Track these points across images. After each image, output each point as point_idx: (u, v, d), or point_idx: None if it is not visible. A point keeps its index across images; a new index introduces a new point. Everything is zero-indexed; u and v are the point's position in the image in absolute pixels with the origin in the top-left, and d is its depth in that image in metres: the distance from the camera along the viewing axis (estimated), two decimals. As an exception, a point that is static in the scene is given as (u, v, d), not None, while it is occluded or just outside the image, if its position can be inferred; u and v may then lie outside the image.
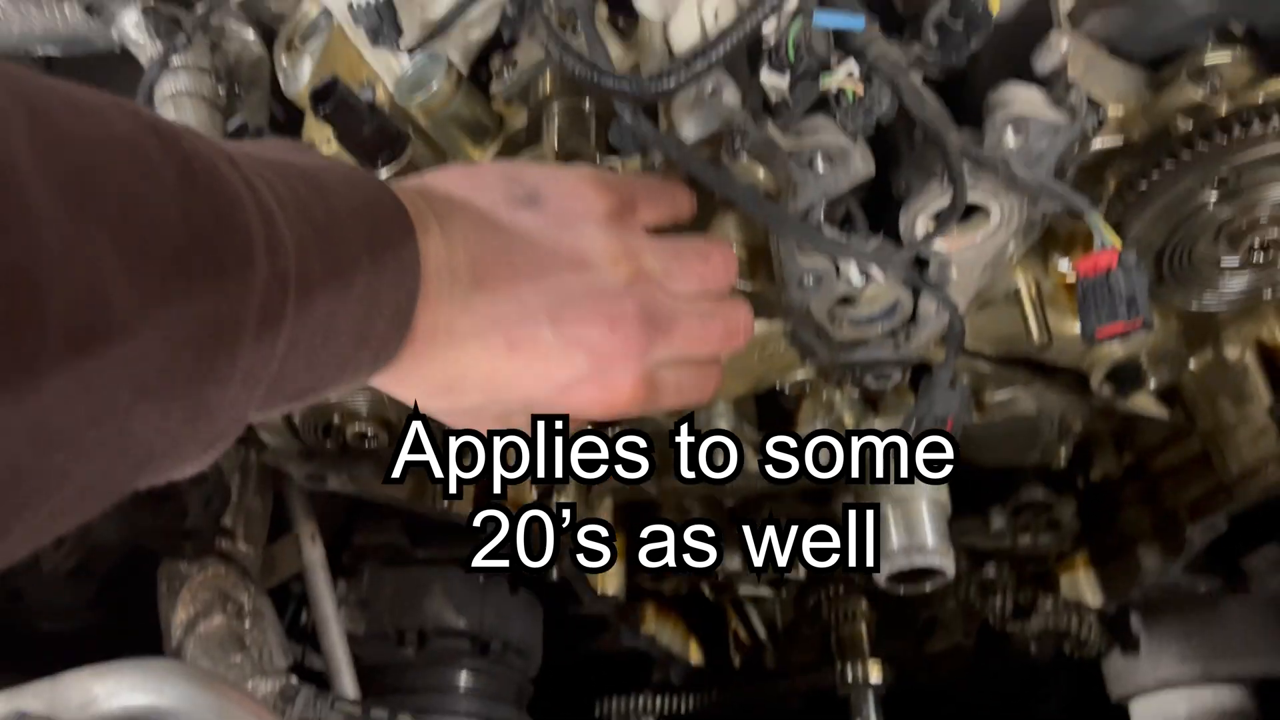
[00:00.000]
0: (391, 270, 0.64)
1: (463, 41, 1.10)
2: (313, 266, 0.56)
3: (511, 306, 0.71)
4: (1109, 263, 0.85)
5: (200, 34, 1.23)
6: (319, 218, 0.59)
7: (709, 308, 0.83)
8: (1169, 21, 0.94)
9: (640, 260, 0.77)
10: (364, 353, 0.64)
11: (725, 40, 0.77)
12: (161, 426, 0.49)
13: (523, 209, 0.75)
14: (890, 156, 1.00)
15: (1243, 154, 0.85)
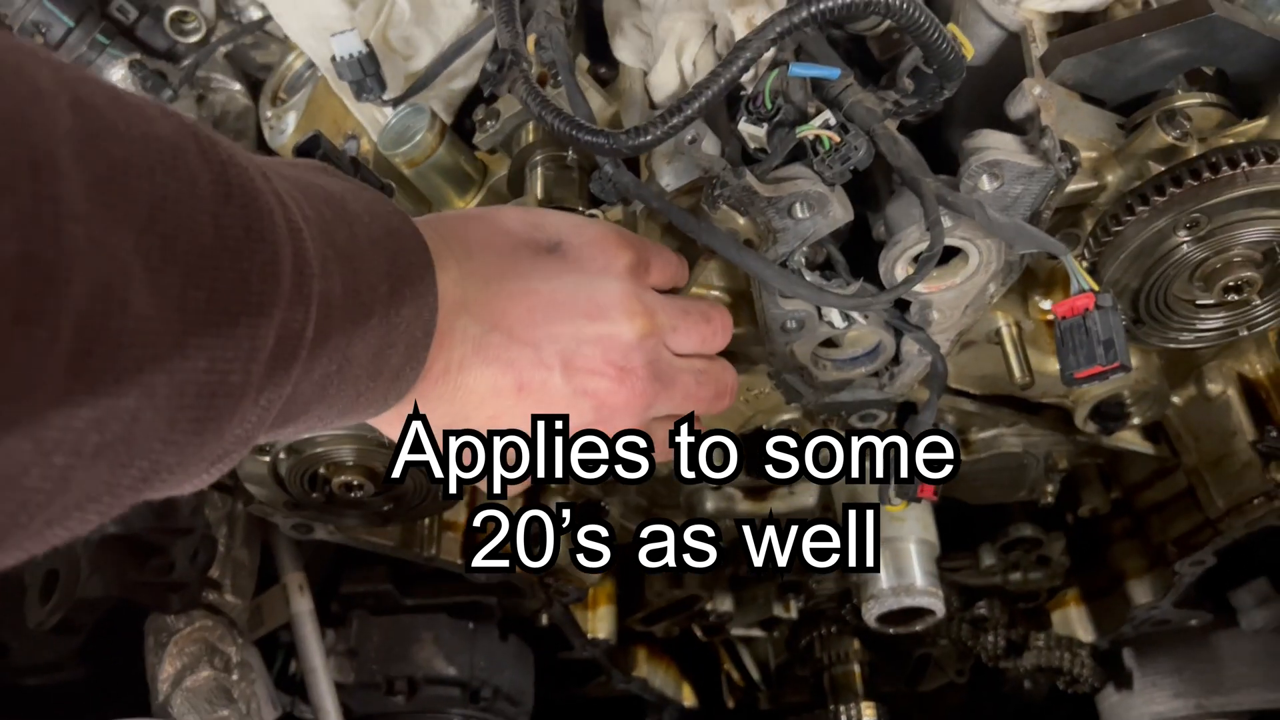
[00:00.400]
0: (410, 304, 0.64)
1: (446, 91, 1.12)
2: (334, 290, 0.56)
3: (526, 350, 0.72)
4: (1086, 305, 0.86)
5: (186, 87, 1.24)
6: (342, 242, 0.58)
7: (703, 366, 0.86)
8: (1139, 67, 0.96)
9: (654, 317, 0.79)
10: (377, 385, 0.64)
11: (702, 94, 0.78)
12: (167, 437, 0.47)
13: (545, 255, 0.76)
14: (869, 199, 1.01)
15: (1214, 196, 0.87)
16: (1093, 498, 1.46)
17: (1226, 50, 0.94)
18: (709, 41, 0.99)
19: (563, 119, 0.79)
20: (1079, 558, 1.57)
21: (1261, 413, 1.23)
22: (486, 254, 0.74)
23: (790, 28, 0.79)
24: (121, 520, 1.04)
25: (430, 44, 1.11)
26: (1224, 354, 1.24)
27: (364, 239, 0.61)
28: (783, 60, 0.90)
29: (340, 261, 0.57)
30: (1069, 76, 0.97)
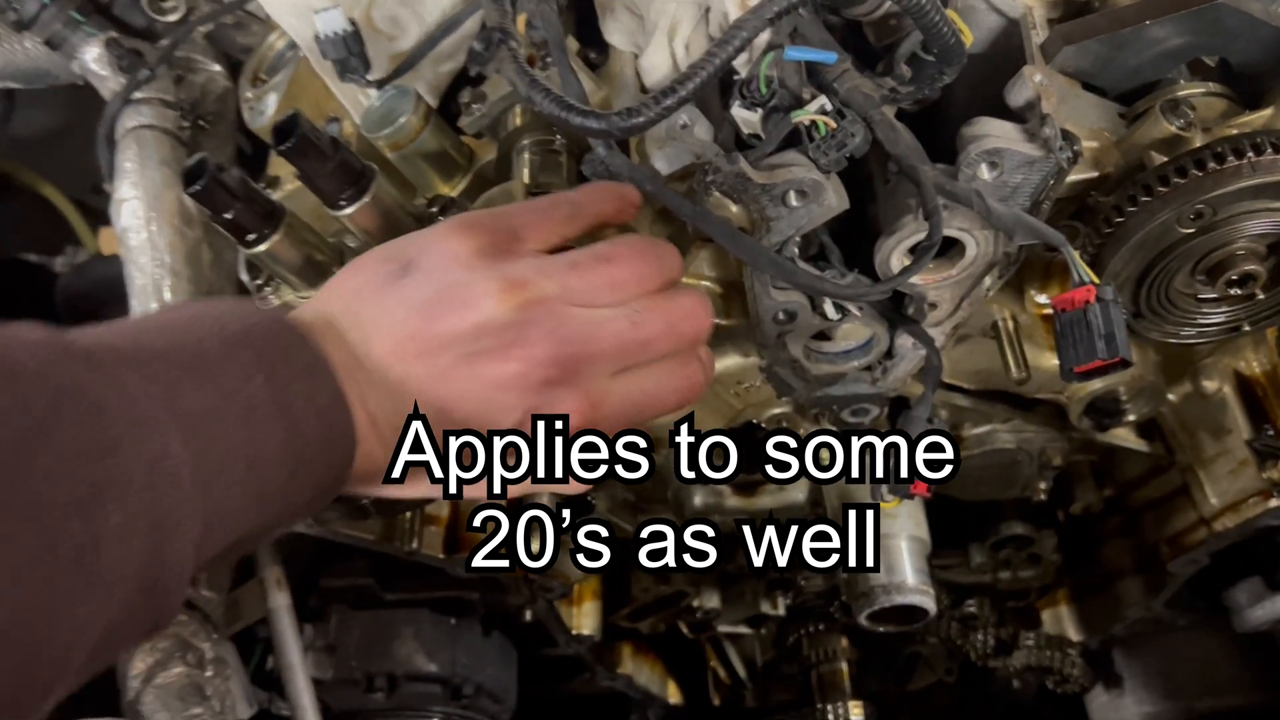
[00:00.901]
0: (299, 380, 0.66)
1: (432, 74, 1.09)
2: (193, 410, 0.59)
3: (425, 371, 0.72)
4: (1086, 298, 0.84)
5: (164, 67, 1.21)
6: (187, 357, 0.61)
7: (641, 306, 0.79)
8: (1141, 55, 0.94)
9: (529, 286, 0.74)
10: (309, 466, 0.65)
11: (696, 76, 0.75)
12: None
13: (402, 280, 0.74)
14: (864, 189, 0.99)
15: (1219, 187, 0.85)
16: (1085, 495, 1.45)
17: (1231, 39, 0.92)
18: (702, 24, 0.97)
19: (552, 99, 0.76)
20: (1070, 556, 1.56)
21: (1258, 411, 1.22)
22: (357, 303, 0.74)
23: (787, 8, 0.76)
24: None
25: (416, 24, 1.08)
26: (1220, 351, 1.22)
27: (216, 352, 0.63)
28: (778, 44, 0.87)
29: (191, 377, 0.60)
30: (1070, 64, 0.96)
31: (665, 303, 0.80)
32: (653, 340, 0.79)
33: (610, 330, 0.76)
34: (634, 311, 0.78)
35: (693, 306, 0.82)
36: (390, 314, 0.73)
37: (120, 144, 1.17)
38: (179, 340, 0.62)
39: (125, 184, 1.14)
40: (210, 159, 0.81)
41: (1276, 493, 1.20)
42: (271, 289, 0.95)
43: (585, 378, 0.76)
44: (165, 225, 1.13)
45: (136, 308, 1.13)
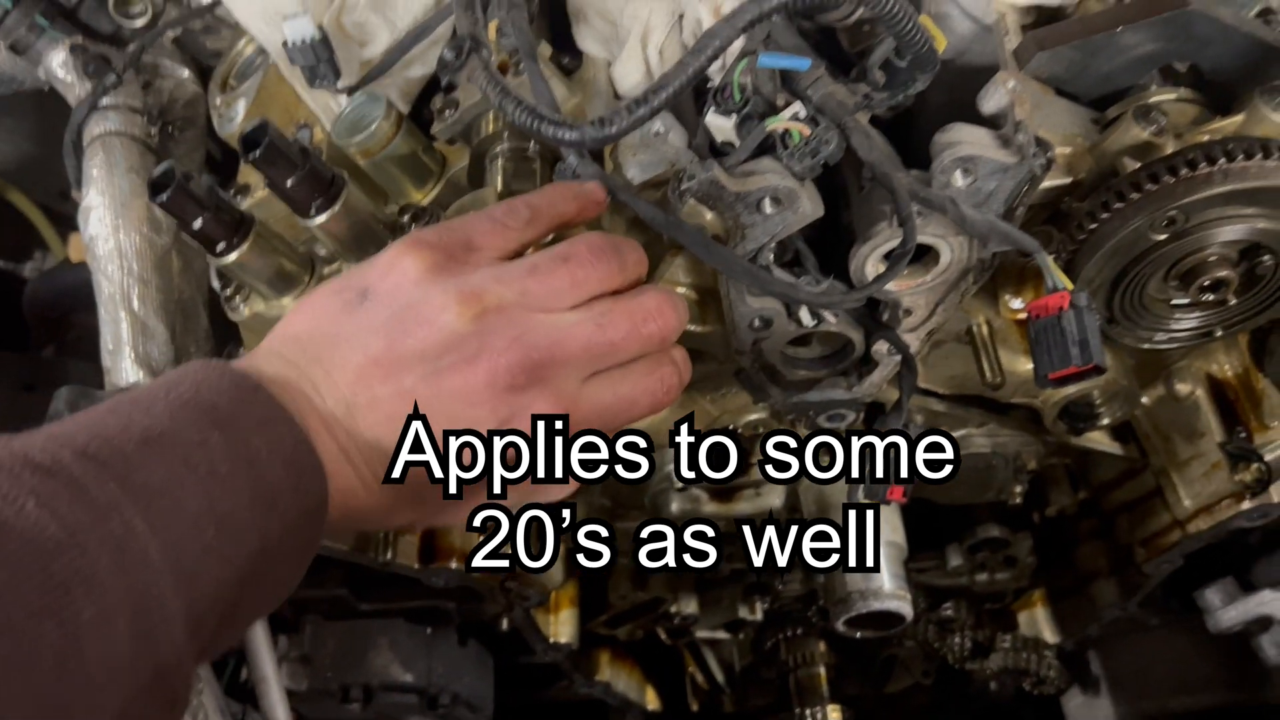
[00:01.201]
0: (258, 432, 0.64)
1: (402, 80, 1.08)
2: (151, 484, 0.57)
3: (391, 392, 0.71)
4: (1060, 304, 0.84)
5: (131, 72, 1.19)
6: (137, 431, 0.60)
7: (606, 308, 0.78)
8: (1114, 61, 0.94)
9: (486, 295, 0.73)
10: (282, 515, 0.64)
11: (669, 85, 0.75)
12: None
13: (358, 309, 0.74)
14: (839, 196, 0.99)
15: (1191, 194, 0.85)
16: (1060, 498, 1.45)
17: (1202, 45, 0.93)
18: (675, 30, 0.96)
19: (524, 109, 0.76)
20: (1045, 558, 1.56)
21: (1230, 414, 1.23)
22: (313, 339, 0.73)
23: (761, 15, 0.76)
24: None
25: (386, 30, 1.07)
26: (1193, 354, 1.23)
27: (167, 419, 0.62)
28: (751, 50, 0.87)
29: (144, 448, 0.59)
30: (1043, 70, 0.96)
31: (630, 303, 0.79)
32: (620, 342, 0.78)
33: (576, 334, 0.75)
34: (599, 314, 0.77)
35: (659, 306, 0.80)
36: (350, 342, 0.72)
37: (87, 150, 1.15)
38: (131, 417, 0.61)
39: (93, 191, 1.12)
40: (177, 168, 0.80)
41: (1249, 495, 1.20)
42: (242, 298, 0.93)
43: (554, 383, 0.74)
44: (133, 233, 1.11)
45: (105, 316, 1.12)
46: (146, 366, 1.10)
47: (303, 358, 0.72)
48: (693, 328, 1.05)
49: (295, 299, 0.90)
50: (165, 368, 1.12)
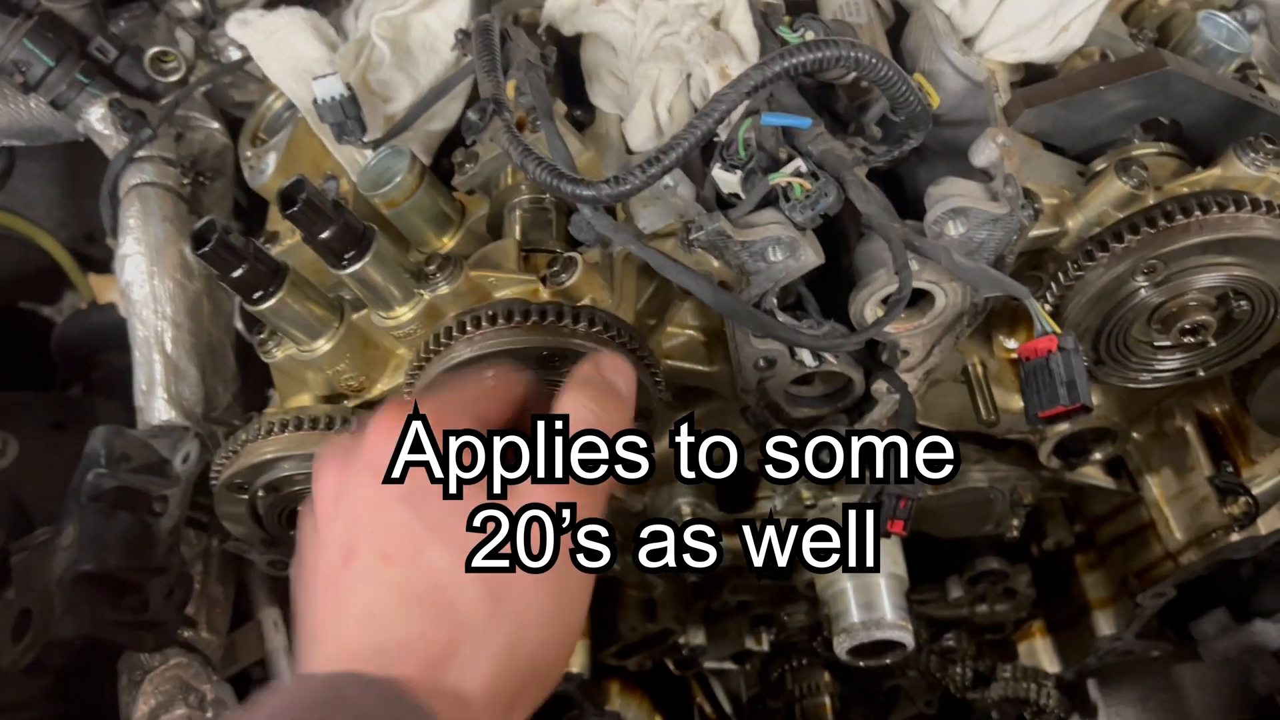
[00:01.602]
0: None
1: (424, 134, 1.13)
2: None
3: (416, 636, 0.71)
4: (1049, 347, 0.89)
5: (166, 125, 1.25)
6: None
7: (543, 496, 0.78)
8: (1098, 117, 1.00)
9: (442, 521, 0.74)
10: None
11: (680, 145, 0.80)
12: None
13: (346, 568, 0.74)
14: (839, 241, 1.04)
15: (1170, 244, 0.90)
16: (1056, 531, 1.49)
17: (1181, 102, 0.98)
18: (684, 89, 1.02)
19: (545, 168, 0.81)
20: (1044, 590, 1.60)
21: (1218, 449, 1.27)
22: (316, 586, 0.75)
23: (764, 81, 0.82)
24: (96, 558, 1.05)
25: (409, 87, 1.13)
26: (1182, 392, 1.27)
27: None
28: (755, 110, 0.92)
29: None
30: (1030, 126, 1.01)
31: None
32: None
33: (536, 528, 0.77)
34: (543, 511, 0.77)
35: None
36: (349, 604, 0.73)
37: (123, 200, 1.21)
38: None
39: (129, 239, 1.18)
40: (218, 221, 0.85)
41: (1237, 527, 1.24)
42: (274, 342, 0.98)
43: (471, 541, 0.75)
44: (167, 279, 1.17)
45: (139, 358, 1.17)
46: (178, 406, 1.16)
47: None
48: (700, 368, 1.11)
49: (327, 341, 0.95)
50: (195, 407, 1.17)
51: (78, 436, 1.35)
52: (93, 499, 1.07)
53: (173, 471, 1.11)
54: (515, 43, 1.02)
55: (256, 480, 1.00)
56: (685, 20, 1.00)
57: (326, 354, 0.96)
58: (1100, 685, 1.62)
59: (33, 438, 1.44)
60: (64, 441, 1.45)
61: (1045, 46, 1.04)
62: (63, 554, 1.06)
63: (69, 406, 1.56)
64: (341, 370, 0.98)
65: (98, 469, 1.08)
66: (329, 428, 0.97)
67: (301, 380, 1.02)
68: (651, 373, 0.96)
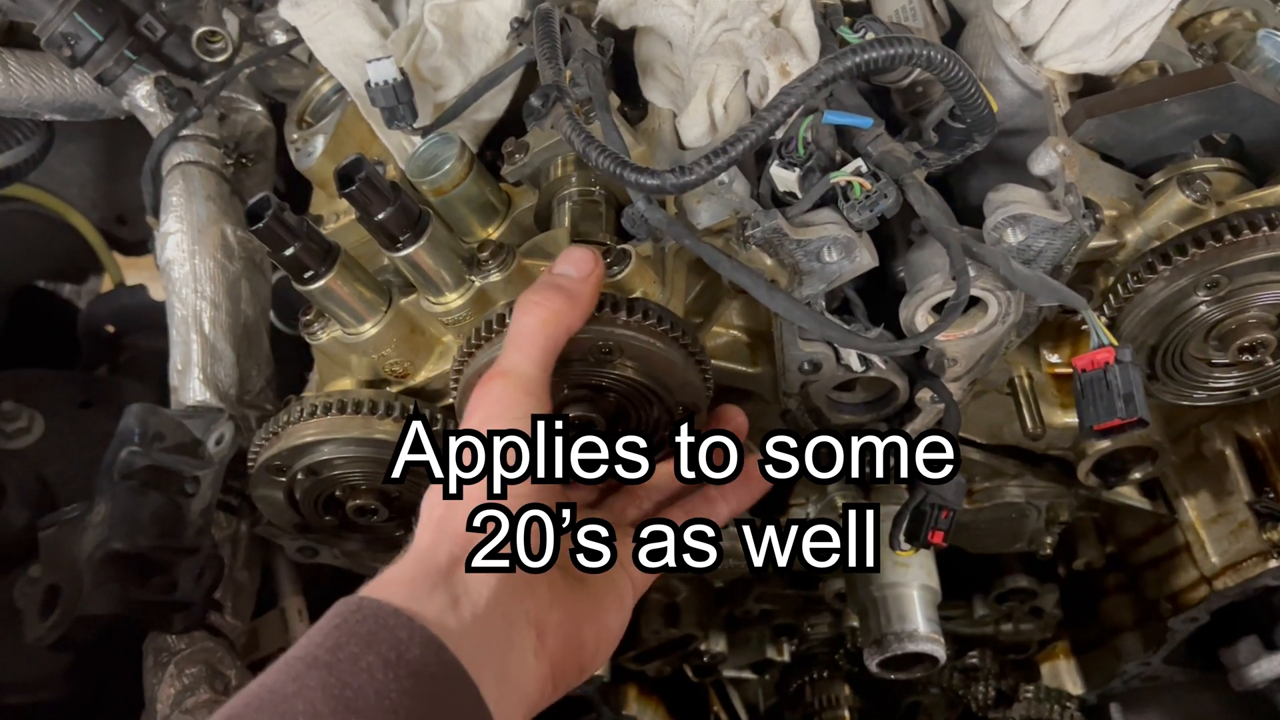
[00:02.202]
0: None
1: (471, 123, 1.13)
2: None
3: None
4: (1106, 359, 0.87)
5: (210, 105, 1.24)
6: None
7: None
8: (1159, 130, 0.98)
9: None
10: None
11: (747, 137, 0.79)
12: None
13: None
14: (885, 248, 1.03)
15: (1235, 258, 0.89)
16: (1088, 551, 1.48)
17: (1244, 118, 0.97)
18: (740, 86, 1.01)
19: (608, 156, 0.80)
20: (1070, 611, 1.58)
21: (1259, 474, 1.26)
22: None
23: (835, 76, 0.80)
24: (127, 536, 1.04)
25: (460, 75, 1.12)
26: (1223, 414, 1.26)
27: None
28: (814, 108, 0.91)
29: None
30: (1090, 137, 1.00)
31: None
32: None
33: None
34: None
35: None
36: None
37: (166, 179, 1.20)
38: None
39: (170, 218, 1.17)
40: (272, 198, 0.84)
41: (1276, 554, 1.23)
42: (320, 325, 0.97)
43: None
44: (208, 258, 1.16)
45: (176, 337, 1.16)
46: (213, 387, 1.15)
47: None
48: (744, 369, 1.09)
49: (374, 325, 0.94)
50: (230, 390, 1.16)
51: (105, 416, 1.35)
52: (125, 477, 1.06)
53: (206, 453, 1.10)
54: (574, 32, 1.01)
55: (296, 463, 0.99)
56: (746, 16, 0.99)
57: (373, 338, 0.95)
58: (1123, 710, 1.60)
59: (59, 416, 1.44)
60: (91, 421, 1.45)
61: (1106, 58, 1.03)
62: (93, 531, 1.04)
63: (96, 386, 1.55)
64: (386, 355, 0.97)
65: (131, 447, 1.07)
66: (371, 412, 0.95)
67: (345, 364, 1.01)
68: (702, 370, 0.94)
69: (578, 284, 0.84)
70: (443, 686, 0.66)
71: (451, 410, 0.98)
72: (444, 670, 0.66)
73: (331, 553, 1.18)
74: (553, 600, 0.78)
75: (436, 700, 0.65)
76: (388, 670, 0.64)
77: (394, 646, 0.65)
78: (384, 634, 0.66)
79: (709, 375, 0.96)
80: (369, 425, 0.96)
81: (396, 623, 0.67)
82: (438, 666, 0.66)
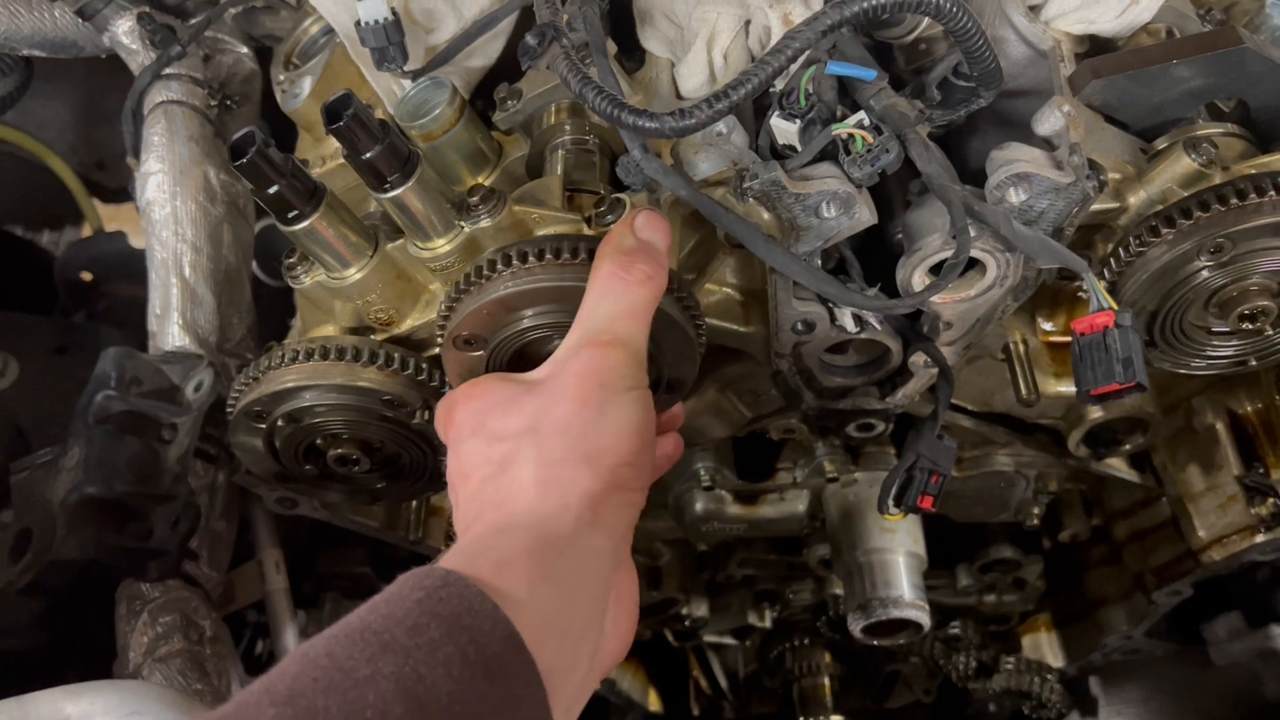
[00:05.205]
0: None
1: (463, 69, 1.10)
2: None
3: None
4: (1105, 323, 0.86)
5: (195, 44, 1.21)
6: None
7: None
8: (1166, 93, 0.96)
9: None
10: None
11: (749, 81, 0.77)
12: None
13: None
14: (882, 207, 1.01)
15: (1240, 223, 0.87)
16: (1074, 523, 1.47)
17: (1253, 82, 0.95)
18: (741, 35, 0.98)
19: (606, 98, 0.78)
20: (1052, 583, 1.58)
21: (1249, 449, 1.25)
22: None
23: (841, 20, 0.78)
24: (102, 481, 1.01)
25: (453, 18, 1.09)
26: (1214, 387, 1.25)
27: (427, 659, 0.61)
28: (816, 59, 0.89)
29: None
30: (1096, 98, 0.98)
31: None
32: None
33: None
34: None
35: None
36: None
37: (148, 118, 1.17)
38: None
39: (151, 158, 1.14)
40: (257, 133, 0.81)
41: (1263, 528, 1.23)
42: (304, 268, 0.95)
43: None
44: (190, 200, 1.13)
45: (155, 280, 1.13)
46: (192, 333, 1.12)
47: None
48: (736, 327, 1.07)
49: (359, 270, 0.92)
50: (210, 336, 1.13)
51: (80, 362, 1.31)
52: (100, 421, 1.04)
53: (184, 399, 1.07)
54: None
55: (276, 409, 0.97)
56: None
57: (357, 282, 0.93)
58: (1103, 683, 1.61)
59: (34, 361, 1.41)
60: (66, 366, 1.42)
61: (1114, 19, 1.01)
62: (67, 475, 1.02)
63: (72, 331, 1.52)
64: (371, 301, 0.95)
65: (107, 391, 1.04)
66: (355, 359, 0.93)
67: (328, 310, 0.99)
68: (696, 324, 0.92)
69: (664, 255, 0.85)
70: (516, 689, 0.64)
71: (437, 360, 0.96)
72: (519, 671, 0.65)
73: (311, 504, 1.16)
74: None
75: (503, 710, 0.63)
76: (465, 668, 0.61)
77: (474, 640, 0.63)
78: (467, 619, 0.63)
79: (703, 330, 0.95)
80: (352, 372, 0.94)
81: (481, 608, 0.64)
82: (514, 666, 0.64)
